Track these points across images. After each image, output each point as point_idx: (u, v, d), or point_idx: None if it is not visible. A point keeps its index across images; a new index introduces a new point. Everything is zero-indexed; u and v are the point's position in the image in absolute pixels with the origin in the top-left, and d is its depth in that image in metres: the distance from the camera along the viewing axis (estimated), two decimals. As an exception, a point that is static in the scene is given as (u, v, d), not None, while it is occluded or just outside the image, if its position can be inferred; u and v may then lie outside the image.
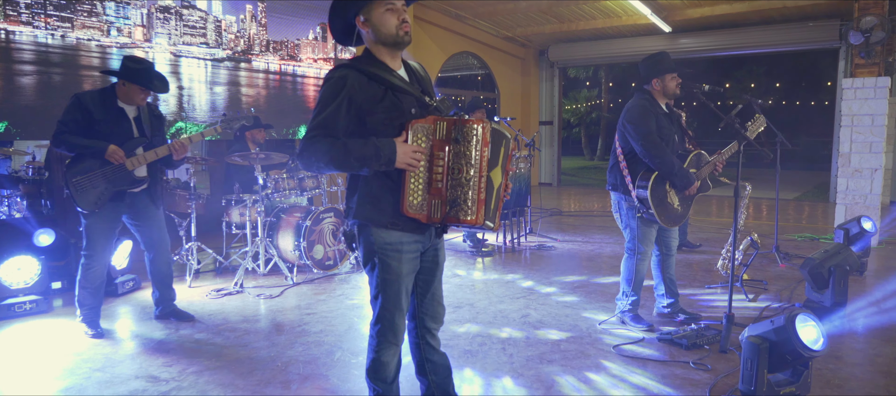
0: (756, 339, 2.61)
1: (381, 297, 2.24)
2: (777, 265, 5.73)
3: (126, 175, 3.67)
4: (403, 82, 2.18)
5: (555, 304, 4.48)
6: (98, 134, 3.58)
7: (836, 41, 10.84)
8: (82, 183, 3.56)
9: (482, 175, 2.08)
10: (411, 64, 2.32)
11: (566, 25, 11.96)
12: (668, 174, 3.63)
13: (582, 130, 33.05)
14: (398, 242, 2.18)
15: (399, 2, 2.13)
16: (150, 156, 3.71)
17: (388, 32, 2.12)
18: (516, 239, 6.89)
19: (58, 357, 3.48)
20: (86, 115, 3.56)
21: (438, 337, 2.50)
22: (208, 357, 3.47)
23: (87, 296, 3.80)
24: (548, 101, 14.76)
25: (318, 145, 2.05)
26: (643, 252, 3.81)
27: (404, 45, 2.17)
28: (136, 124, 3.75)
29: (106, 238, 3.76)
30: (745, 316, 4.17)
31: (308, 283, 5.10)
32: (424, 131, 2.09)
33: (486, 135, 2.07)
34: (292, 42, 7.45)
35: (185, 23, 6.29)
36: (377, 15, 2.11)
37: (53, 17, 5.25)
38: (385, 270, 2.20)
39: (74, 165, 3.57)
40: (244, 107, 6.89)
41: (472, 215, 2.08)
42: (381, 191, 2.15)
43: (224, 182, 6.04)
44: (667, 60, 3.74)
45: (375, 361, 2.31)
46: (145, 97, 3.73)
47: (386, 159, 2.04)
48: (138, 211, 3.85)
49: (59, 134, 3.53)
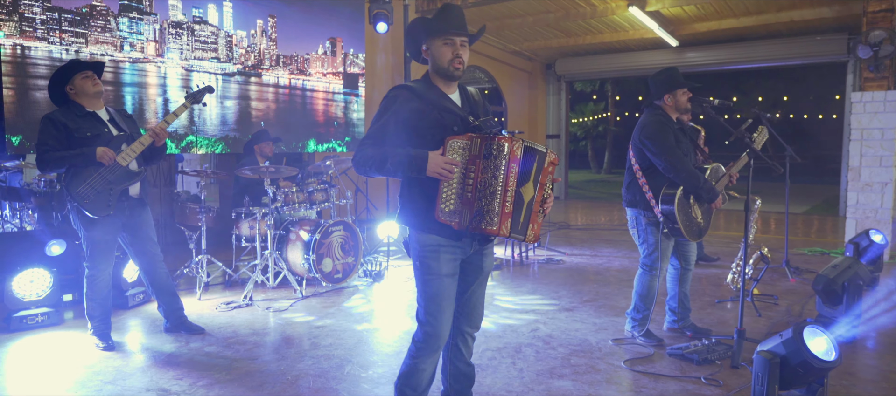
0: (766, 354, 2.59)
1: (424, 301, 2.41)
2: (787, 279, 5.69)
3: (122, 171, 3.68)
4: (452, 104, 2.41)
5: (564, 318, 4.47)
6: (81, 142, 3.59)
7: (845, 55, 10.83)
8: (86, 192, 3.57)
9: (508, 189, 2.21)
10: (469, 90, 2.53)
11: (573, 39, 12.01)
12: (694, 188, 3.63)
13: (589, 144, 33.06)
14: (436, 244, 2.38)
15: (459, 39, 2.36)
16: (137, 148, 3.69)
17: (440, 64, 2.38)
18: (524, 252, 6.88)
19: (69, 369, 3.50)
20: (62, 130, 3.56)
21: (471, 346, 2.63)
22: (219, 370, 3.47)
23: (95, 307, 3.83)
24: (555, 115, 14.79)
25: (365, 152, 2.32)
26: (660, 268, 3.80)
27: (454, 78, 2.40)
28: (111, 124, 3.76)
29: (107, 248, 3.77)
30: (757, 331, 4.14)
31: (317, 296, 5.11)
32: (461, 146, 2.27)
33: (514, 151, 2.20)
34: (302, 56, 7.51)
35: (197, 38, 6.36)
36: (436, 47, 2.38)
37: (68, 32, 5.33)
38: (426, 270, 2.39)
39: (73, 178, 3.57)
40: (253, 120, 6.94)
41: (496, 226, 2.21)
42: (419, 197, 2.37)
43: (234, 195, 6.08)
44: (677, 76, 3.76)
45: (412, 367, 2.46)
46: (94, 83, 3.70)
47: (417, 167, 2.25)
48: (131, 221, 3.84)
49: (43, 155, 3.52)
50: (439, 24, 2.35)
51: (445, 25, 2.34)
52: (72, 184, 3.56)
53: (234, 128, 6.72)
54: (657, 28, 10.54)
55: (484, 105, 2.57)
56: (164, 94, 6.10)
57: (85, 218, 3.63)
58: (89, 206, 3.58)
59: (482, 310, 2.62)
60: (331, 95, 7.95)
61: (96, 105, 3.75)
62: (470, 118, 2.40)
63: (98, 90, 3.73)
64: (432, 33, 2.37)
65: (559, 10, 10.15)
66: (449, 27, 2.33)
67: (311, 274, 5.29)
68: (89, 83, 3.68)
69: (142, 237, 3.91)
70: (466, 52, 2.39)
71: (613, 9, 9.79)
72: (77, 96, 3.68)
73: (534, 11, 10.27)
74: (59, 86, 3.68)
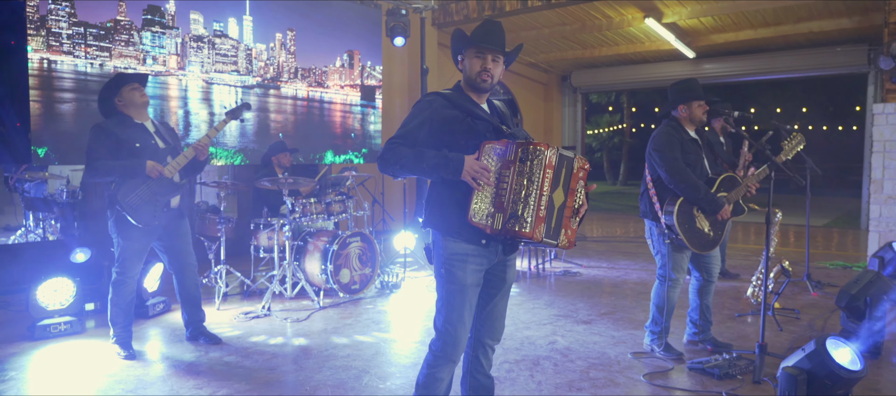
0: (792, 370, 2.56)
1: (444, 310, 2.42)
2: (809, 293, 5.62)
3: (167, 183, 3.81)
4: (483, 112, 2.47)
5: (582, 331, 4.45)
6: (130, 152, 3.71)
7: (865, 66, 10.72)
8: (135, 201, 3.69)
9: (543, 194, 2.26)
10: (495, 103, 2.59)
11: (589, 51, 12.01)
12: (693, 199, 3.61)
13: (604, 155, 32.93)
14: (464, 253, 2.40)
15: (490, 54, 2.43)
16: (181, 161, 3.83)
17: (470, 75, 2.46)
18: (541, 264, 6.86)
19: (91, 377, 3.54)
20: (112, 138, 3.69)
21: (491, 358, 2.63)
22: (238, 380, 3.50)
23: (118, 314, 3.89)
24: (570, 126, 14.77)
25: (398, 151, 2.34)
26: (674, 279, 3.77)
27: (481, 91, 2.47)
28: (157, 136, 3.89)
29: (139, 257, 3.88)
30: (779, 345, 4.08)
31: (335, 307, 5.13)
32: (495, 152, 2.32)
33: (551, 158, 2.27)
34: (320, 69, 7.59)
35: (217, 51, 6.46)
36: (469, 58, 2.46)
37: (93, 46, 5.44)
38: (450, 280, 2.40)
39: (122, 188, 3.68)
40: (272, 132, 7.02)
41: (530, 228, 2.25)
42: (450, 200, 2.39)
43: (252, 206, 6.14)
44: (695, 88, 3.75)
45: (429, 377, 2.46)
46: (142, 94, 3.84)
47: (454, 169, 2.29)
48: (169, 230, 3.95)
49: (93, 163, 3.63)
50: (474, 37, 2.43)
51: (478, 39, 2.42)
52: (122, 193, 3.67)
53: (252, 140, 6.80)
54: (674, 40, 10.51)
55: (511, 117, 2.62)
56: (184, 106, 6.20)
57: (126, 224, 3.73)
58: (137, 215, 3.69)
59: (503, 323, 2.62)
60: (348, 107, 8.01)
61: (143, 116, 3.88)
62: (502, 126, 2.46)
63: (145, 101, 3.87)
64: (467, 44, 2.45)
65: (575, 22, 10.17)
66: (480, 41, 2.41)
67: (328, 284, 5.31)
68: (137, 94, 3.82)
69: (177, 247, 4.03)
70: (498, 67, 2.46)
71: (630, 21, 9.79)
72: (125, 107, 3.81)
73: (550, 23, 10.29)
74: (108, 98, 3.82)
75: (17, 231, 7.51)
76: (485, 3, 9.25)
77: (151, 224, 3.75)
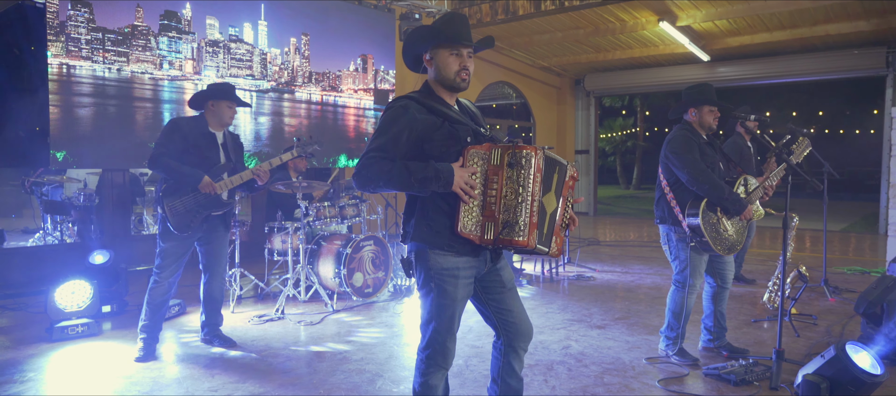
0: (814, 378, 2.53)
1: (434, 323, 2.30)
2: (826, 299, 5.55)
3: (215, 199, 3.88)
4: (459, 114, 2.33)
5: (596, 336, 4.42)
6: (192, 156, 3.80)
7: (883, 68, 10.59)
8: (177, 207, 3.77)
9: (534, 199, 2.15)
10: (462, 101, 2.46)
11: (602, 55, 11.96)
12: (718, 200, 3.58)
13: (617, 159, 32.77)
14: (455, 267, 2.26)
15: (465, 50, 2.28)
16: (236, 181, 3.90)
17: (447, 75, 2.28)
18: (554, 269, 6.83)
19: (108, 379, 3.58)
20: (182, 138, 3.80)
21: (523, 359, 2.48)
22: (252, 383, 3.52)
23: (149, 313, 3.94)
24: (584, 130, 14.72)
25: (379, 166, 2.17)
26: (692, 285, 3.74)
27: (460, 90, 2.33)
28: (223, 150, 3.98)
29: (178, 260, 3.94)
30: (796, 351, 4.04)
31: (348, 310, 5.15)
32: (480, 157, 2.20)
33: (538, 161, 2.16)
34: (334, 73, 7.63)
35: (233, 56, 6.52)
36: (442, 57, 2.28)
37: (111, 51, 5.51)
38: (441, 295, 2.27)
39: (170, 190, 3.78)
40: (286, 136, 7.06)
41: (524, 237, 2.14)
42: (436, 213, 2.25)
43: (266, 209, 6.18)
44: (708, 92, 3.72)
45: (424, 384, 2.37)
46: (232, 114, 3.97)
47: (444, 182, 2.16)
48: (210, 232, 4.02)
49: (158, 156, 3.74)
50: (447, 34, 2.25)
51: (454, 35, 2.24)
52: (168, 195, 3.77)
53: (267, 144, 6.84)
54: (688, 43, 10.45)
55: (479, 115, 2.48)
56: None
57: (166, 228, 3.81)
58: (174, 221, 3.76)
59: (528, 320, 2.48)
60: (361, 111, 8.04)
61: (219, 128, 3.98)
62: (481, 129, 2.34)
63: (228, 122, 3.98)
64: (439, 42, 2.27)
65: (589, 25, 10.14)
66: (457, 37, 2.24)
67: (341, 288, 5.33)
68: (229, 112, 3.95)
69: (213, 252, 4.09)
70: (472, 63, 2.31)
71: (643, 24, 9.75)
72: (210, 114, 3.92)
73: (563, 27, 10.28)
74: (205, 97, 3.91)
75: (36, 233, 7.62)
76: (498, 6, 9.24)
77: (185, 231, 3.80)
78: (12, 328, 4.62)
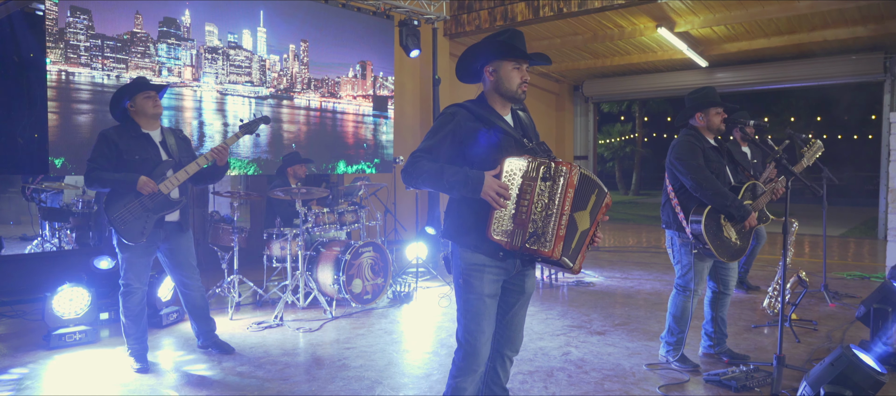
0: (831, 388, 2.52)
1: (463, 320, 2.43)
2: (826, 304, 5.54)
3: (162, 199, 3.73)
4: (507, 126, 2.46)
5: (596, 342, 4.41)
6: (130, 163, 3.66)
7: (881, 74, 10.61)
8: (124, 216, 3.63)
9: (564, 213, 2.25)
10: (520, 114, 2.57)
11: (601, 61, 11.99)
12: (721, 207, 3.57)
13: (616, 165, 32.80)
14: (481, 263, 2.40)
15: (524, 65, 2.45)
16: (182, 176, 3.75)
17: (509, 87, 2.44)
18: (554, 275, 6.82)
19: (105, 387, 3.56)
20: (113, 149, 3.65)
21: (509, 370, 2.64)
22: (250, 390, 3.50)
23: (130, 326, 3.86)
24: (582, 136, 14.73)
25: (421, 165, 2.34)
26: (693, 290, 3.73)
27: (518, 101, 2.49)
28: (162, 148, 3.82)
29: (143, 267, 3.82)
30: (796, 357, 4.02)
31: (347, 317, 5.13)
32: (519, 167, 2.31)
33: (573, 178, 2.26)
34: (333, 80, 7.64)
35: (232, 62, 6.52)
36: (505, 70, 2.43)
37: (110, 58, 5.51)
38: (468, 289, 2.40)
39: (112, 201, 3.64)
40: (285, 142, 7.06)
41: (549, 247, 2.25)
42: (469, 215, 2.39)
43: (265, 216, 6.16)
44: (712, 95, 3.72)
45: (454, 388, 2.47)
46: (156, 104, 3.79)
47: (472, 188, 2.27)
48: (170, 243, 3.90)
49: (91, 171, 3.62)
50: (514, 48, 2.39)
51: (520, 51, 2.39)
52: (110, 206, 3.63)
53: (265, 151, 6.84)
54: (686, 49, 10.47)
55: (533, 128, 2.61)
56: (199, 117, 6.25)
57: (120, 239, 3.71)
58: (123, 231, 3.64)
59: (522, 334, 2.61)
60: (360, 118, 8.04)
61: (153, 126, 3.84)
62: (525, 141, 2.45)
63: (157, 112, 3.82)
64: (504, 55, 2.41)
65: (587, 31, 10.16)
66: (522, 53, 2.39)
67: (340, 294, 5.31)
68: (150, 103, 3.77)
69: (179, 260, 3.97)
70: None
71: (642, 30, 9.77)
72: (136, 115, 3.77)
73: (562, 33, 10.30)
74: (120, 102, 3.77)
75: (34, 240, 7.59)
76: (497, 13, 9.27)
77: (140, 240, 3.67)
78: (9, 335, 4.59)
